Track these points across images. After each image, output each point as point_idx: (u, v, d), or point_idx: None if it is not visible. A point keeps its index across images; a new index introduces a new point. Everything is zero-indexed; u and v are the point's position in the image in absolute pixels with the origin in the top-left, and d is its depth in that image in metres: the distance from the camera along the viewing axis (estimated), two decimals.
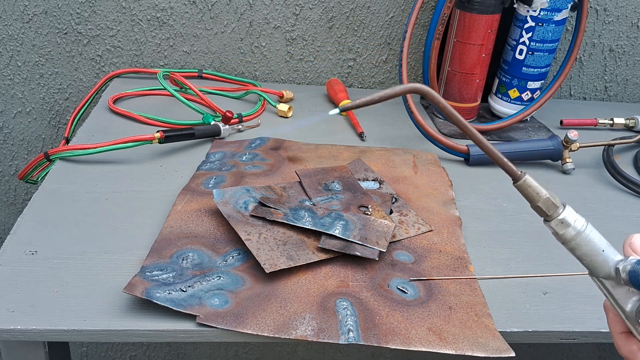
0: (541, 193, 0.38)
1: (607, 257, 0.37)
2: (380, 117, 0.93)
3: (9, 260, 0.54)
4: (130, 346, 1.29)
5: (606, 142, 0.85)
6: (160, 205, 0.65)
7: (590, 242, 0.37)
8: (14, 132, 1.05)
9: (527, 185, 0.39)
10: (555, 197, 0.38)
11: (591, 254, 0.37)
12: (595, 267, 0.37)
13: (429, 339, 0.49)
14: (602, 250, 0.37)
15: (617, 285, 0.37)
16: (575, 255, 0.38)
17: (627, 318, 0.37)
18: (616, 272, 0.36)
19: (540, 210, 0.38)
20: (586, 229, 0.37)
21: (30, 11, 0.94)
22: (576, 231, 0.37)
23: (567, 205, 0.38)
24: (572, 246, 0.38)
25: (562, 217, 0.38)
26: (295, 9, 0.98)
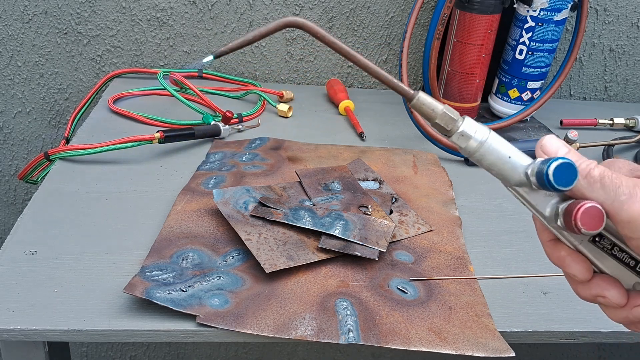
0: (437, 109, 0.37)
1: (515, 163, 0.35)
2: (380, 117, 0.93)
3: (9, 260, 0.54)
4: (130, 346, 1.29)
5: (606, 142, 0.85)
6: (160, 205, 0.65)
7: (494, 150, 0.36)
8: (14, 132, 1.05)
9: (421, 103, 0.38)
10: (453, 111, 0.37)
11: (498, 163, 0.36)
12: (505, 176, 0.36)
13: (429, 339, 0.49)
14: (508, 157, 0.36)
15: (532, 191, 0.35)
16: (483, 167, 0.37)
17: (548, 223, 0.36)
18: (526, 177, 0.35)
19: (439, 126, 0.37)
20: (488, 138, 0.36)
21: (30, 11, 0.94)
22: (478, 142, 0.36)
23: (467, 117, 0.37)
24: (478, 158, 0.36)
25: (461, 129, 0.36)
26: (295, 9, 0.98)
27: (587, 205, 0.32)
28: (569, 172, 0.32)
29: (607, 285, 0.36)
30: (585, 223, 0.32)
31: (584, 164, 0.34)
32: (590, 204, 0.32)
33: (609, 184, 0.33)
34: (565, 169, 0.32)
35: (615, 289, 0.35)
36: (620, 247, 0.36)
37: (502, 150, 0.36)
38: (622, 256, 0.36)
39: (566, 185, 0.32)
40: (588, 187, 0.33)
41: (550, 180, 0.32)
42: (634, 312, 0.35)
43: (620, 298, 0.35)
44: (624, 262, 0.36)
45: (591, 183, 0.33)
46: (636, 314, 0.36)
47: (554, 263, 0.37)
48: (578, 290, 0.37)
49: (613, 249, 0.36)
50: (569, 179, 0.32)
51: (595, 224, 0.33)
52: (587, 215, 0.32)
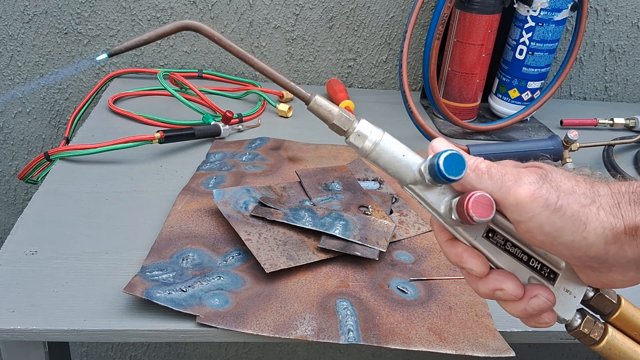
0: (333, 110, 0.39)
1: (409, 161, 0.37)
2: (380, 117, 0.93)
3: (9, 260, 0.54)
4: (130, 346, 1.29)
5: (606, 142, 0.85)
6: (160, 205, 0.65)
7: (388, 150, 0.37)
8: (14, 132, 1.05)
9: (318, 105, 0.39)
10: (349, 113, 0.39)
11: (393, 162, 0.37)
12: (400, 174, 0.37)
13: (429, 339, 0.49)
14: (402, 156, 0.37)
15: (427, 189, 0.37)
16: (380, 167, 0.38)
17: (444, 219, 0.37)
18: (420, 173, 0.36)
19: (336, 127, 0.39)
20: (383, 138, 0.38)
21: (30, 11, 0.94)
22: (372, 142, 0.37)
23: (362, 118, 0.39)
24: (374, 157, 0.38)
25: (357, 129, 0.38)
26: (295, 9, 0.98)
27: (477, 194, 0.34)
28: (457, 162, 0.34)
29: (504, 278, 0.37)
30: (477, 211, 0.34)
31: (472, 159, 0.36)
32: (479, 193, 0.34)
33: (496, 173, 0.35)
34: (453, 159, 0.34)
35: (511, 281, 0.37)
36: (512, 242, 0.37)
37: (396, 150, 0.37)
38: (515, 251, 0.38)
39: (456, 174, 0.34)
40: (477, 179, 0.35)
41: (441, 170, 0.34)
42: (531, 303, 0.37)
43: (517, 290, 0.37)
44: (517, 257, 0.38)
45: (479, 175, 0.35)
46: (533, 305, 0.37)
47: (452, 261, 0.38)
48: (477, 286, 0.38)
49: (506, 244, 0.37)
50: (458, 168, 0.34)
51: (485, 211, 0.34)
52: (477, 204, 0.34)
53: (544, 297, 0.37)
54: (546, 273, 0.38)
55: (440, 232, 0.39)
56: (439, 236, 0.39)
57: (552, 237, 0.33)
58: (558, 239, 0.33)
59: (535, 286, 0.37)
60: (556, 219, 0.33)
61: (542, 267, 0.38)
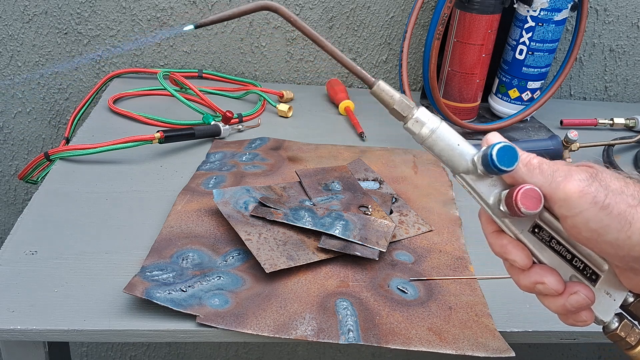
0: (395, 96, 0.40)
1: (463, 150, 0.38)
2: (380, 117, 0.93)
3: (9, 260, 0.54)
4: (130, 346, 1.29)
5: (606, 142, 0.85)
6: (160, 205, 0.65)
7: (444, 138, 0.38)
8: (14, 132, 1.05)
9: (381, 90, 0.40)
10: (409, 100, 0.40)
11: (447, 150, 0.38)
12: (453, 163, 0.38)
13: (429, 339, 0.49)
14: (457, 145, 0.38)
15: (478, 179, 0.38)
16: (434, 154, 0.39)
17: (492, 211, 0.38)
18: (473, 163, 0.37)
19: (396, 112, 0.40)
20: (440, 126, 0.39)
21: (30, 11, 0.94)
22: (430, 129, 0.39)
23: (422, 105, 0.40)
24: (430, 144, 0.39)
25: (416, 116, 0.39)
26: (295, 9, 0.98)
27: (526, 187, 0.35)
28: (510, 154, 0.35)
29: (546, 273, 0.38)
30: (525, 203, 0.35)
31: (525, 154, 0.37)
32: (528, 186, 0.35)
33: (547, 169, 0.36)
34: (507, 151, 0.35)
35: (553, 276, 0.38)
36: (557, 240, 0.38)
37: (451, 138, 0.39)
38: (559, 249, 0.38)
39: (509, 165, 0.35)
40: (528, 173, 0.36)
41: (494, 160, 0.35)
42: (571, 300, 0.37)
43: (557, 284, 0.37)
44: (561, 255, 0.38)
45: (531, 169, 0.36)
46: (572, 301, 0.37)
47: (497, 253, 0.39)
48: (518, 278, 0.39)
49: (551, 241, 0.38)
50: (511, 160, 0.35)
51: (533, 204, 0.35)
52: (526, 196, 0.35)
53: (584, 295, 0.37)
54: (588, 273, 0.38)
55: (487, 224, 0.40)
56: (485, 227, 0.40)
57: (597, 234, 0.34)
58: (603, 236, 0.34)
59: (576, 283, 0.38)
60: (603, 217, 0.33)
61: (585, 267, 0.38)
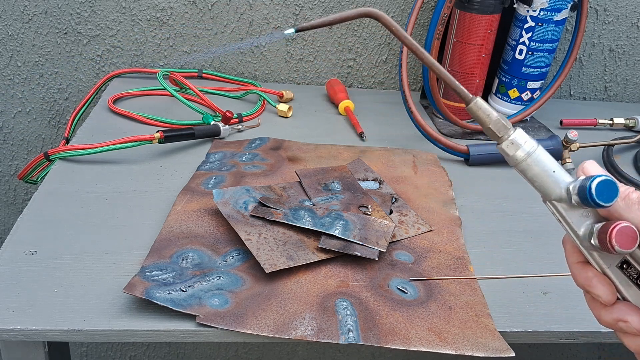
0: (492, 115, 0.39)
1: (558, 178, 0.37)
2: (380, 117, 0.93)
3: (9, 260, 0.54)
4: (130, 346, 1.29)
5: (606, 142, 0.85)
6: (160, 205, 0.65)
7: (540, 162, 0.37)
8: (14, 132, 1.05)
9: (477, 107, 0.40)
10: (507, 120, 0.39)
11: (542, 175, 0.37)
12: (546, 189, 0.37)
13: (429, 339, 0.49)
14: (552, 172, 0.37)
15: (570, 209, 0.37)
16: (526, 178, 0.38)
17: (581, 242, 0.37)
18: (567, 192, 0.36)
19: (491, 132, 0.39)
20: (536, 151, 0.38)
21: (30, 11, 0.94)
22: (525, 152, 0.38)
23: (519, 127, 0.39)
24: (523, 167, 0.38)
25: (512, 137, 0.38)
26: (295, 9, 0.98)
27: (623, 225, 0.34)
28: (610, 189, 0.34)
29: (630, 311, 0.36)
30: (620, 241, 0.34)
31: (623, 187, 0.35)
32: (625, 224, 0.34)
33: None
34: (607, 185, 0.34)
35: (637, 315, 0.36)
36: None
37: (547, 164, 0.37)
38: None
39: (607, 201, 0.34)
40: (626, 208, 0.35)
41: (592, 194, 0.34)
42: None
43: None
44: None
45: (629, 205, 0.35)
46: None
47: (580, 285, 0.38)
48: (600, 313, 0.38)
49: (639, 278, 0.37)
50: (611, 195, 0.34)
51: (629, 243, 0.34)
52: (622, 234, 0.34)
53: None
54: None
55: (572, 253, 0.39)
56: (570, 257, 0.39)
57: None
58: None
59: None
60: None
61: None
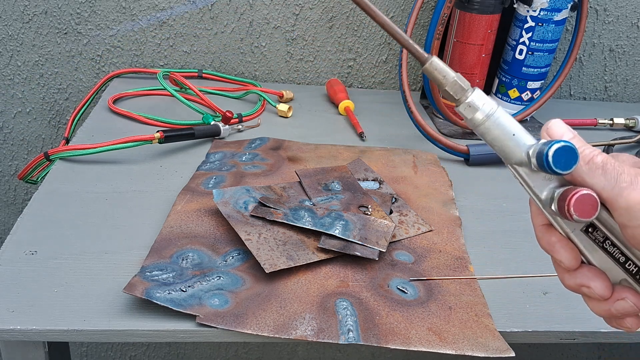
0: (448, 76, 0.37)
1: (519, 141, 0.35)
2: (380, 117, 0.93)
3: (9, 260, 0.54)
4: (130, 346, 1.29)
5: (606, 142, 0.85)
6: (160, 205, 0.65)
7: (500, 125, 0.35)
8: (14, 132, 1.05)
9: (434, 68, 0.37)
10: (465, 81, 0.37)
11: (501, 138, 0.35)
12: (506, 153, 0.36)
13: (429, 339, 0.49)
14: (512, 135, 0.35)
15: (532, 173, 0.35)
16: (486, 141, 0.36)
17: (544, 206, 0.35)
18: (527, 156, 0.34)
19: (448, 94, 0.37)
20: (496, 112, 0.36)
21: (30, 11, 0.94)
22: (484, 114, 0.36)
23: (477, 88, 0.37)
24: (482, 130, 0.36)
25: (469, 100, 0.36)
26: (295, 9, 0.98)
27: (582, 192, 0.32)
28: (569, 156, 0.32)
29: (593, 276, 0.36)
30: (578, 210, 0.32)
31: (588, 150, 0.34)
32: (585, 191, 0.32)
33: (611, 170, 0.32)
34: (565, 152, 0.32)
35: (600, 280, 0.35)
36: (612, 241, 0.35)
37: (507, 127, 0.35)
38: (612, 250, 0.35)
39: (564, 169, 0.32)
40: (589, 173, 0.33)
41: (549, 162, 0.32)
42: (617, 305, 0.35)
43: (604, 290, 0.35)
44: (613, 257, 0.36)
45: (593, 169, 0.33)
46: (618, 307, 0.35)
47: (543, 248, 0.37)
48: (564, 278, 0.37)
49: (605, 242, 0.35)
50: (569, 163, 0.32)
51: (588, 211, 0.32)
52: (580, 202, 0.32)
53: (631, 302, 0.35)
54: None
55: (536, 215, 0.37)
56: (534, 218, 0.38)
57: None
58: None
59: (625, 289, 0.36)
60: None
61: (639, 271, 0.36)
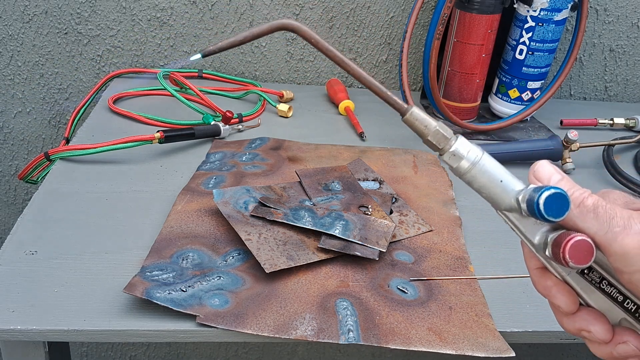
0: (430, 126, 0.36)
1: (507, 187, 0.34)
2: (380, 117, 0.93)
3: (9, 260, 0.54)
4: (130, 346, 1.29)
5: (606, 142, 0.85)
6: (160, 205, 0.65)
7: (486, 172, 0.34)
8: (14, 132, 1.05)
9: (414, 118, 0.36)
10: (447, 129, 0.36)
11: (489, 186, 0.34)
12: (495, 200, 0.35)
13: (429, 339, 0.49)
14: (500, 181, 0.34)
15: (522, 218, 0.34)
16: (474, 188, 0.35)
17: (537, 251, 0.34)
18: (517, 202, 0.33)
19: (431, 144, 0.36)
20: (481, 160, 0.34)
21: (30, 11, 0.94)
22: (470, 162, 0.35)
23: (460, 136, 0.36)
24: (469, 179, 0.35)
25: (453, 149, 0.35)
26: (295, 9, 0.98)
27: (577, 239, 0.31)
28: (560, 203, 0.31)
29: (593, 320, 0.34)
30: (574, 256, 0.31)
31: (578, 192, 0.33)
32: (579, 237, 0.31)
33: (603, 214, 0.31)
34: (557, 199, 0.31)
35: (600, 324, 0.34)
36: (609, 280, 0.34)
37: (494, 173, 0.35)
38: (610, 290, 0.35)
39: (557, 217, 0.31)
40: (580, 217, 0.32)
41: (541, 210, 0.31)
42: (619, 349, 0.34)
43: (604, 334, 0.34)
44: (611, 297, 0.35)
45: (584, 212, 0.32)
46: (620, 350, 0.34)
47: (540, 292, 0.36)
48: (562, 322, 0.36)
49: (602, 282, 0.35)
50: (561, 210, 0.31)
51: (584, 258, 0.31)
52: (575, 249, 0.31)
53: (634, 345, 0.34)
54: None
55: (530, 258, 0.36)
56: (528, 262, 0.36)
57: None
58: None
59: (626, 331, 0.34)
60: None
61: (638, 309, 0.34)
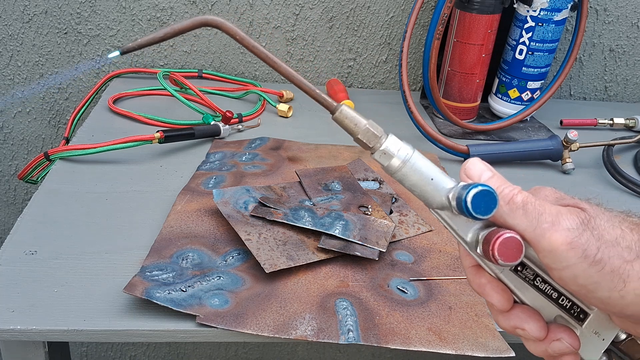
0: (360, 124, 0.35)
1: (438, 185, 0.34)
2: (380, 117, 0.93)
3: (9, 260, 0.54)
4: (130, 346, 1.29)
5: (606, 142, 0.85)
6: (160, 205, 0.65)
7: (417, 171, 0.34)
8: (14, 132, 1.05)
9: (344, 116, 0.36)
10: (377, 127, 0.35)
11: (420, 184, 0.34)
12: (426, 198, 0.34)
13: (429, 339, 0.49)
14: (431, 179, 0.34)
15: (454, 216, 0.34)
16: (406, 187, 0.35)
17: (470, 249, 0.34)
18: (447, 200, 0.33)
19: (362, 142, 0.36)
20: (412, 158, 0.34)
21: (30, 11, 0.94)
22: (401, 160, 0.34)
23: (391, 134, 0.36)
24: (400, 177, 0.35)
25: (384, 147, 0.35)
26: (295, 9, 0.98)
27: (506, 236, 0.31)
28: (488, 200, 0.31)
29: (527, 317, 0.34)
30: (503, 254, 0.31)
31: (507, 189, 0.33)
32: (508, 234, 0.31)
33: (532, 210, 0.31)
34: (484, 197, 0.31)
35: (534, 321, 0.34)
36: (542, 277, 0.34)
37: (425, 172, 0.34)
38: (544, 287, 0.34)
39: (484, 214, 0.31)
40: (510, 214, 0.32)
41: (469, 208, 0.31)
42: (553, 346, 0.34)
43: (539, 331, 0.34)
44: (545, 294, 0.35)
45: (513, 209, 0.32)
46: (555, 348, 0.34)
47: (475, 290, 0.36)
48: (498, 320, 0.36)
49: (535, 279, 0.34)
50: (488, 208, 0.31)
51: (512, 255, 0.31)
52: (504, 246, 0.31)
53: (567, 343, 0.34)
54: (576, 312, 0.35)
55: (465, 257, 0.36)
56: (463, 260, 0.36)
57: (586, 289, 0.31)
58: (593, 292, 0.30)
59: (560, 328, 0.34)
60: (593, 273, 0.30)
61: (572, 306, 0.35)
